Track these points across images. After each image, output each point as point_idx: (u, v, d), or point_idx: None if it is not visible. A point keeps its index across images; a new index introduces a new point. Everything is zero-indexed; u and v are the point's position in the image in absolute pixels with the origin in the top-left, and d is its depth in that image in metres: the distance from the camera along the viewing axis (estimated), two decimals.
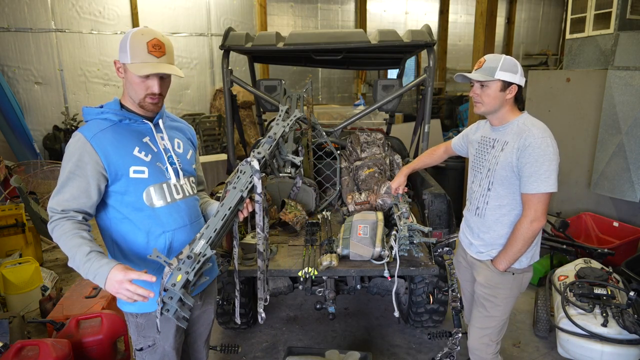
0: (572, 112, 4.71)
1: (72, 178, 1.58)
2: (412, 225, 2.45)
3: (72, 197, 1.58)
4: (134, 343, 1.81)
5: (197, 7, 9.27)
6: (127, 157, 1.65)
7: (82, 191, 1.59)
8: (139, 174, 1.67)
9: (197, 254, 1.49)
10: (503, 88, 1.96)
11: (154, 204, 1.70)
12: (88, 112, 1.69)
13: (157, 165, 1.73)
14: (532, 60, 13.61)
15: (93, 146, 1.60)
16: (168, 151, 1.78)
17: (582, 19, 4.79)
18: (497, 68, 1.93)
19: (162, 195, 1.72)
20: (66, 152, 1.62)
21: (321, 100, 11.21)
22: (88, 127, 1.64)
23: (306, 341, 3.27)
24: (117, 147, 1.64)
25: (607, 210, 4.55)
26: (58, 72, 8.03)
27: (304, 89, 3.72)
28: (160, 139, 1.77)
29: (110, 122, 1.68)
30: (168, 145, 1.79)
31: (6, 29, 7.49)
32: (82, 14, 8.11)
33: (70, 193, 1.58)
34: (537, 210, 1.92)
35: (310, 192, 3.38)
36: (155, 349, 1.78)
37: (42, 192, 5.76)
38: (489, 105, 2.00)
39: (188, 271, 1.44)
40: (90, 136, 1.61)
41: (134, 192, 1.67)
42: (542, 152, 1.87)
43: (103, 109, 1.68)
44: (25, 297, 3.58)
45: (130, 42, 1.61)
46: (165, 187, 1.73)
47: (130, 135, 1.69)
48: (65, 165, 1.60)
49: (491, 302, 2.12)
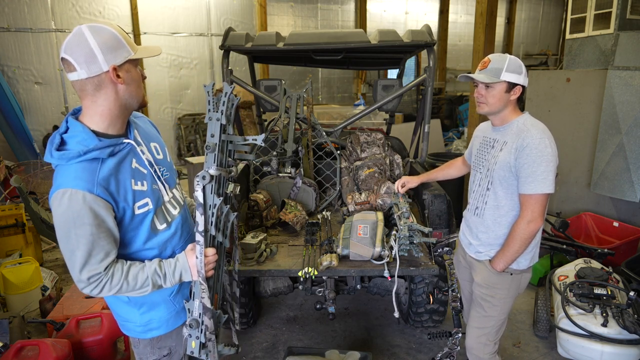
0: (572, 112, 4.71)
1: (97, 238, 1.36)
2: (412, 225, 2.45)
3: (107, 254, 1.40)
4: (143, 356, 1.70)
5: (197, 7, 9.28)
6: (128, 196, 1.45)
7: (112, 242, 1.42)
8: (143, 208, 1.49)
9: (197, 319, 1.54)
10: (508, 89, 1.95)
11: (157, 230, 1.56)
12: (63, 157, 1.35)
13: (154, 188, 1.55)
14: (532, 60, 13.61)
15: (102, 197, 1.36)
16: (152, 164, 1.56)
17: (582, 19, 4.79)
18: (502, 69, 1.92)
19: (164, 219, 1.58)
20: (69, 216, 1.33)
21: (321, 100, 11.21)
22: (79, 178, 1.34)
23: (306, 341, 3.27)
24: (118, 190, 1.42)
25: (607, 210, 4.55)
26: (58, 72, 8.04)
27: (304, 89, 3.72)
28: (141, 154, 1.53)
29: (99, 162, 1.39)
30: (149, 157, 1.57)
31: (6, 29, 7.49)
32: (82, 14, 8.11)
33: (104, 252, 1.39)
34: (535, 211, 1.92)
35: (310, 192, 3.38)
36: (171, 357, 1.72)
37: (42, 192, 5.76)
38: (493, 105, 1.99)
39: (198, 336, 1.53)
40: (93, 188, 1.35)
41: (140, 226, 1.51)
42: (540, 153, 1.87)
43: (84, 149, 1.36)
44: (25, 297, 3.58)
45: (120, 35, 1.40)
46: (164, 208, 1.59)
47: (121, 167, 1.45)
48: (80, 229, 1.34)
49: (489, 302, 2.12)
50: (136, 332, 1.65)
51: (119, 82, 1.41)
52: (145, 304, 1.60)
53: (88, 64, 1.35)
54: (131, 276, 1.44)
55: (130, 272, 1.44)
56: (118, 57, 1.39)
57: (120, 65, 1.40)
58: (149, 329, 1.64)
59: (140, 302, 1.59)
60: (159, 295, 1.60)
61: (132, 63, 1.45)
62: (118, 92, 1.42)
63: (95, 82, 1.38)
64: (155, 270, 1.48)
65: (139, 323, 1.62)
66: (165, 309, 1.63)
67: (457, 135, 10.22)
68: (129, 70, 1.43)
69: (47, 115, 8.05)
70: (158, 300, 1.61)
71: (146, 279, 1.46)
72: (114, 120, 1.46)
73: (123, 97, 1.44)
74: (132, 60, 1.43)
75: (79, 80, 1.37)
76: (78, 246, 1.35)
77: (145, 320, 1.62)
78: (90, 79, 1.37)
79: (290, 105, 3.63)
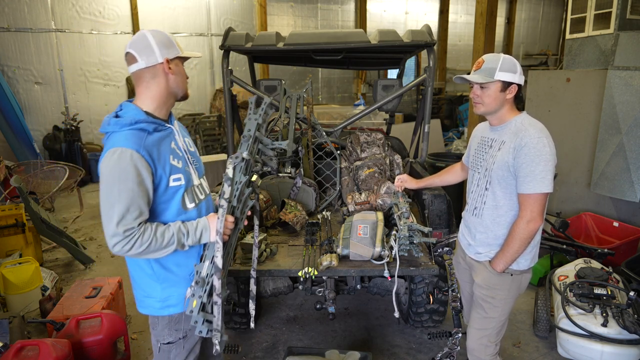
0: (572, 112, 4.71)
1: (136, 195, 1.56)
2: (412, 225, 2.45)
3: (141, 212, 1.59)
4: (160, 337, 1.83)
5: (197, 7, 9.28)
6: (167, 167, 1.67)
7: (147, 204, 1.61)
8: (177, 182, 1.71)
9: (204, 278, 1.66)
10: (503, 88, 1.95)
11: (187, 207, 1.76)
12: (118, 123, 1.62)
13: (186, 170, 1.77)
14: (532, 60, 13.62)
15: (146, 159, 1.59)
16: (185, 152, 1.82)
17: (582, 19, 4.79)
18: (496, 69, 1.92)
19: (192, 199, 1.78)
20: (117, 170, 1.55)
21: (321, 100, 11.22)
22: (129, 140, 1.58)
23: (306, 341, 3.27)
24: (159, 157, 1.65)
25: (607, 210, 4.55)
26: (58, 72, 8.04)
27: (304, 89, 3.72)
28: (178, 140, 1.80)
29: (146, 132, 1.64)
30: (184, 146, 1.82)
31: (6, 29, 7.49)
32: (82, 14, 8.11)
33: (139, 209, 1.58)
34: (534, 210, 1.91)
35: (310, 192, 3.38)
36: (187, 340, 1.85)
37: (42, 192, 5.76)
38: (489, 105, 1.99)
39: (201, 295, 1.65)
40: (140, 149, 1.58)
41: (172, 199, 1.71)
42: (538, 152, 1.86)
43: (133, 118, 1.63)
44: (25, 297, 3.58)
45: (170, 36, 1.73)
46: (193, 190, 1.79)
47: (162, 143, 1.70)
48: (124, 184, 1.54)
49: (489, 303, 2.12)
50: (155, 308, 1.79)
51: (170, 73, 1.71)
52: (167, 280, 1.76)
53: (147, 56, 1.66)
54: (159, 233, 1.62)
55: (158, 230, 1.62)
56: (171, 52, 1.71)
57: (171, 60, 1.71)
58: (167, 305, 1.78)
59: (163, 277, 1.75)
60: (180, 273, 1.77)
61: (180, 60, 1.76)
62: (168, 81, 1.72)
63: (152, 72, 1.68)
64: (179, 228, 1.67)
65: (159, 298, 1.77)
66: (184, 286, 1.78)
67: (457, 135, 10.22)
68: (177, 65, 1.74)
69: (47, 115, 8.05)
70: (179, 278, 1.78)
71: (172, 236, 1.64)
72: (161, 105, 1.75)
73: (171, 85, 1.73)
74: (180, 57, 1.75)
75: (138, 70, 1.67)
76: (119, 200, 1.54)
77: (165, 295, 1.77)
78: (147, 69, 1.67)
79: (290, 105, 3.63)
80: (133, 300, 1.87)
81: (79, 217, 6.10)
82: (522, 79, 1.98)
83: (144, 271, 1.76)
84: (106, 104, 8.62)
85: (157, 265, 1.74)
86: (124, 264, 1.76)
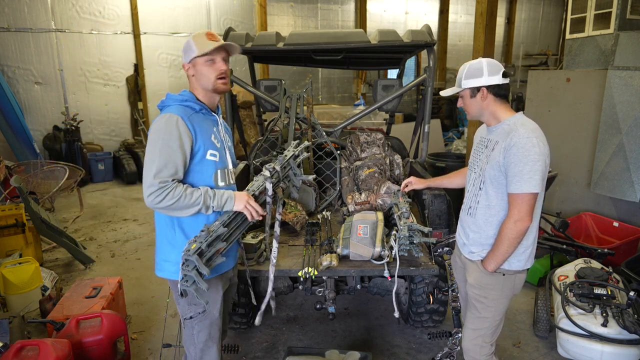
0: (572, 112, 4.71)
1: (175, 153, 1.81)
2: (412, 225, 2.45)
3: (177, 170, 1.82)
4: (182, 313, 2.02)
5: (197, 7, 9.27)
6: (207, 141, 1.93)
7: (182, 165, 1.84)
8: (213, 157, 1.96)
9: (211, 229, 1.79)
10: (473, 94, 2.05)
11: (218, 184, 2.00)
12: (172, 97, 1.93)
13: (223, 152, 2.04)
14: (532, 60, 13.61)
15: (188, 126, 1.85)
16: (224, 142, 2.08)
17: (582, 19, 4.79)
18: (462, 78, 2.06)
19: (224, 178, 2.03)
20: (162, 130, 1.81)
21: (321, 100, 11.21)
22: (177, 110, 1.86)
23: (306, 341, 3.27)
24: (201, 131, 1.91)
25: (607, 210, 4.55)
26: (58, 72, 8.04)
27: (304, 89, 3.72)
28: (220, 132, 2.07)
29: (193, 110, 1.92)
30: (224, 138, 2.10)
31: (6, 29, 7.49)
32: (82, 14, 8.11)
33: (175, 167, 1.81)
34: (522, 210, 1.91)
35: (310, 192, 3.38)
36: (206, 315, 2.01)
37: (42, 192, 5.76)
38: (471, 112, 2.11)
39: (202, 242, 1.75)
40: (185, 117, 1.86)
41: (207, 171, 1.95)
42: (526, 152, 1.87)
43: (184, 97, 1.93)
44: (25, 297, 3.58)
45: (193, 40, 1.92)
46: (226, 171, 2.05)
47: (206, 123, 1.97)
48: (166, 142, 1.80)
49: (482, 303, 2.12)
50: (170, 272, 1.97)
51: (190, 74, 1.98)
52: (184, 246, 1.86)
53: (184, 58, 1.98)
54: (189, 191, 1.82)
55: (188, 189, 1.83)
56: (186, 57, 1.95)
57: (189, 62, 1.94)
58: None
59: (181, 243, 1.89)
60: None
61: (204, 58, 1.91)
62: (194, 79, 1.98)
63: (186, 70, 1.99)
64: (207, 191, 1.87)
65: (175, 261, 1.91)
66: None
67: (457, 135, 10.22)
68: (195, 64, 1.94)
69: (47, 115, 8.05)
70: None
71: (199, 196, 1.83)
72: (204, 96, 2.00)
73: (198, 81, 1.97)
74: (199, 56, 1.90)
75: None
76: (160, 155, 1.79)
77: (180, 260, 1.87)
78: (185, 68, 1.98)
79: (290, 105, 3.63)
80: (133, 300, 1.88)
81: (79, 217, 6.10)
82: (496, 79, 1.98)
83: (166, 237, 1.97)
84: (106, 104, 8.63)
85: (179, 231, 1.93)
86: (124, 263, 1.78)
